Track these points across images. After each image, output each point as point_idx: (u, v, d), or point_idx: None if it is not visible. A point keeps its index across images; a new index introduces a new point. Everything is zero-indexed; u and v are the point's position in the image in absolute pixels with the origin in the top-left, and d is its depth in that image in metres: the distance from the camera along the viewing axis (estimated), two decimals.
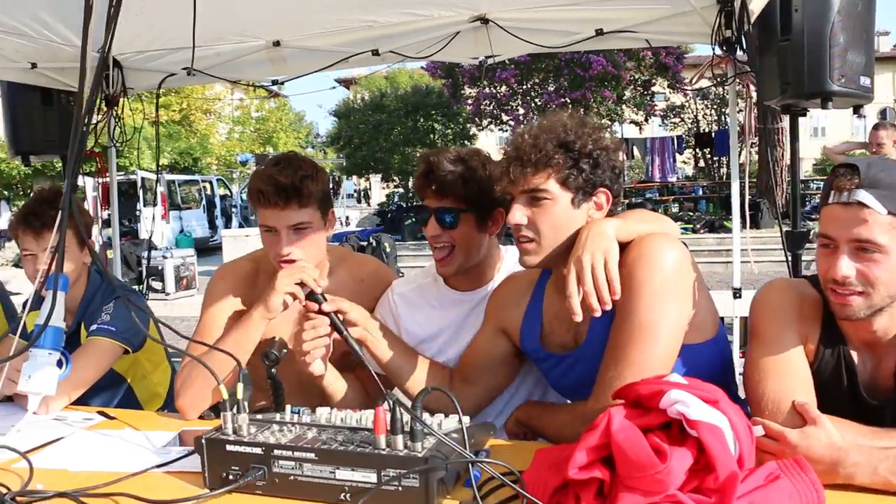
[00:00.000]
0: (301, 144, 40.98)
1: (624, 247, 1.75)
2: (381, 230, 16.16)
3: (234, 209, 22.24)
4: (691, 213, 18.79)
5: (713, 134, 19.38)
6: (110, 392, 2.46)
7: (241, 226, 21.98)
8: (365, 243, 12.26)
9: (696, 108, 22.84)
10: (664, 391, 1.29)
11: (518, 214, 1.81)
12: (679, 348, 1.73)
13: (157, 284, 8.15)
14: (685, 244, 1.88)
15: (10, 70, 4.33)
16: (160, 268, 8.08)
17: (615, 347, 1.72)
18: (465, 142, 29.05)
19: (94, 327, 2.32)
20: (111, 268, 5.26)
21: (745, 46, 3.65)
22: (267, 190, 2.03)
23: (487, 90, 19.31)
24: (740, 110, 6.16)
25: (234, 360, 1.67)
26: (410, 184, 26.02)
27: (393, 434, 1.37)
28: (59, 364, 1.80)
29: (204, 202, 21.50)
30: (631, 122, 21.37)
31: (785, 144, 11.52)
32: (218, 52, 4.51)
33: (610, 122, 19.85)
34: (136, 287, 8.03)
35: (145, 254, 8.21)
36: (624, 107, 19.55)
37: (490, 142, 31.96)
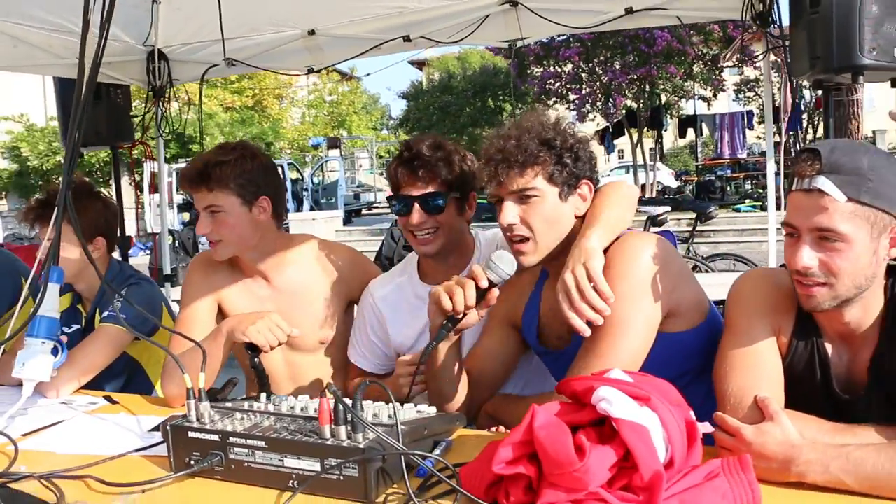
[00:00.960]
0: (375, 127, 41.35)
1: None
2: None
3: (304, 192, 22.58)
4: (761, 191, 18.26)
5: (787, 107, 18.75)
6: (125, 376, 2.57)
7: (311, 209, 22.32)
8: None
9: (773, 82, 22.12)
10: (595, 388, 1.28)
11: (510, 215, 1.84)
12: (650, 343, 1.75)
13: None
14: (670, 234, 1.89)
15: (60, 66, 4.52)
16: None
17: (587, 341, 1.75)
18: None
19: (105, 314, 2.43)
20: (160, 252, 5.47)
21: (777, 20, 3.55)
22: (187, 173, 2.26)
23: (552, 69, 19.11)
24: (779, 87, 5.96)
25: (201, 349, 1.73)
26: None
27: (336, 425, 1.40)
28: (55, 352, 1.89)
29: None
30: (699, 98, 20.85)
31: (861, 117, 11.05)
32: (257, 42, 4.63)
33: (677, 99, 19.45)
34: None
35: (202, 239, 8.45)
36: (692, 82, 19.10)
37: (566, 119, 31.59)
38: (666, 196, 19.86)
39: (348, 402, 1.40)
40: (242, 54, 4.64)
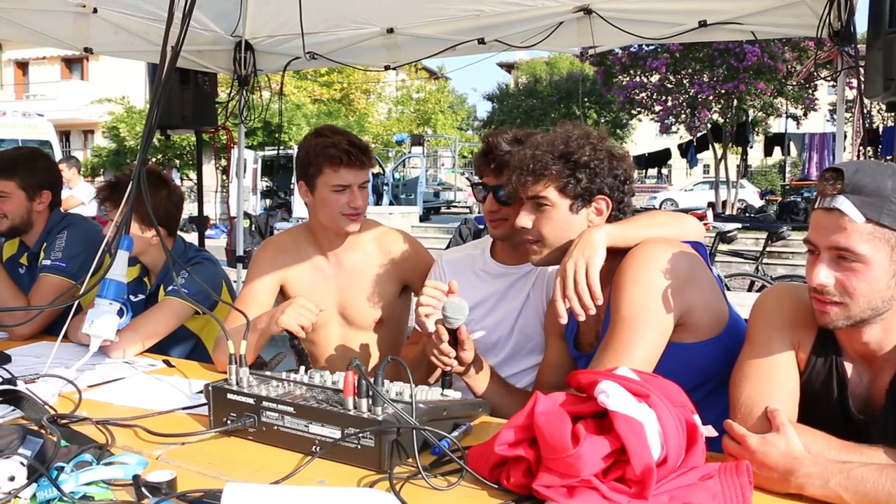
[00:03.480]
0: (460, 127, 41.56)
1: (627, 251, 1.87)
2: None
3: (385, 187, 22.92)
4: None
5: (880, 130, 18.09)
6: (185, 346, 2.75)
7: (391, 203, 22.63)
8: (482, 227, 12.42)
9: (870, 104, 21.33)
10: (598, 381, 1.36)
11: (524, 218, 1.98)
12: (662, 346, 1.79)
13: None
14: (700, 245, 1.94)
15: (154, 52, 4.78)
16: None
17: (603, 342, 1.83)
18: (618, 130, 28.57)
19: (170, 288, 2.62)
20: (235, 234, 5.72)
21: (853, 39, 3.51)
22: (353, 152, 2.38)
23: (639, 79, 18.90)
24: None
25: (245, 318, 1.87)
26: None
27: (358, 397, 1.51)
28: (120, 313, 2.07)
29: None
30: (790, 116, 20.28)
31: None
32: (338, 37, 4.80)
33: (765, 116, 18.93)
34: None
35: (278, 224, 8.78)
36: (782, 99, 18.58)
37: (649, 130, 31.16)
38: (747, 214, 19.42)
39: (366, 376, 1.51)
40: (324, 48, 4.82)
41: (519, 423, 1.37)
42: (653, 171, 32.09)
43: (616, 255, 1.87)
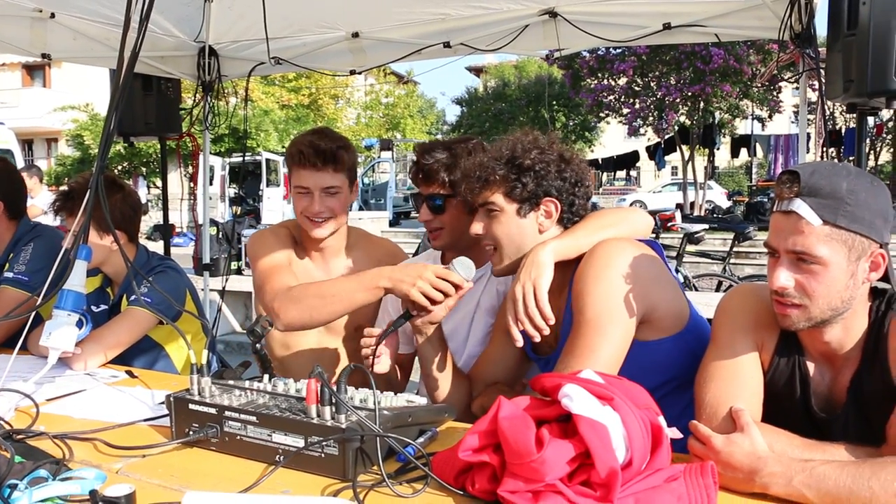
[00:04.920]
0: (429, 131, 41.59)
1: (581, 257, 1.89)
2: None
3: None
4: None
5: (843, 132, 18.42)
6: (150, 357, 2.70)
7: (360, 209, 22.57)
8: None
9: (832, 105, 21.72)
10: (562, 384, 1.35)
11: (476, 226, 2.03)
12: (626, 346, 1.80)
13: None
14: (655, 242, 1.95)
15: (114, 59, 4.71)
16: None
17: (567, 344, 1.83)
18: (587, 133, 28.77)
19: (132, 298, 2.57)
20: (201, 242, 5.66)
21: (813, 41, 3.55)
22: (307, 152, 2.35)
23: (607, 82, 19.05)
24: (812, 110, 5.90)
25: (206, 325, 1.85)
26: None
27: (321, 405, 1.49)
28: (80, 324, 2.03)
29: None
30: (755, 118, 20.54)
31: None
32: (303, 42, 4.77)
33: (731, 118, 19.17)
34: (234, 263, 8.53)
35: (245, 231, 8.71)
36: (748, 101, 18.83)
37: (617, 133, 31.43)
38: (715, 215, 19.63)
39: (328, 384, 1.49)
40: (289, 53, 4.79)
41: (483, 428, 1.36)
42: (621, 174, 32.35)
43: (569, 264, 1.89)
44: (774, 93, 18.70)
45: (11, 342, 2.64)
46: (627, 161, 25.53)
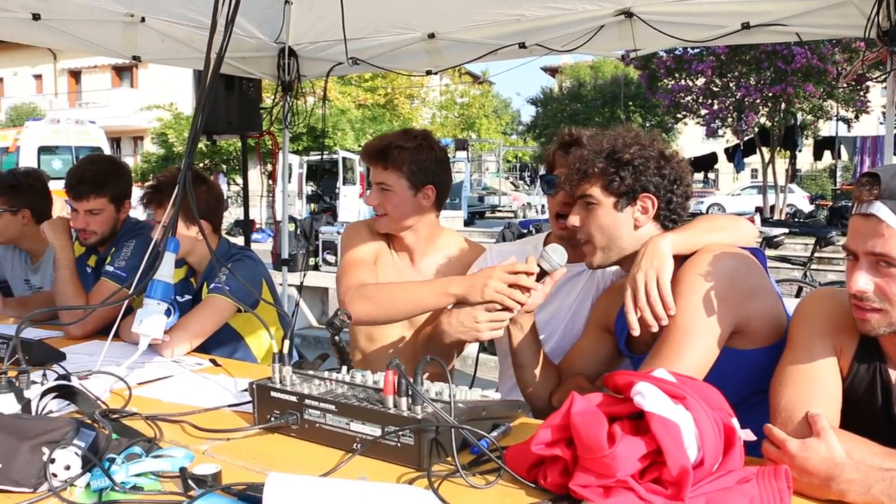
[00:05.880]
0: (504, 131, 41.56)
1: (687, 257, 1.89)
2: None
3: None
4: None
5: None
6: (230, 346, 2.81)
7: None
8: (526, 231, 12.43)
9: None
10: (634, 382, 1.36)
11: (573, 218, 2.03)
12: (714, 355, 1.79)
13: (330, 257, 8.75)
14: (759, 251, 1.94)
15: (199, 59, 4.88)
16: (335, 242, 8.68)
17: (654, 347, 1.84)
18: (664, 134, 28.28)
19: (212, 285, 2.68)
20: (280, 238, 5.81)
21: None
22: (367, 148, 2.49)
23: (684, 82, 18.69)
24: None
25: (282, 313, 1.92)
26: None
27: (398, 396, 1.54)
28: (168, 313, 2.14)
29: None
30: (840, 119, 19.84)
31: None
32: (380, 42, 4.85)
33: (814, 119, 18.56)
34: (311, 259, 8.72)
35: (323, 228, 8.89)
36: (832, 102, 18.18)
37: (695, 134, 30.85)
38: (796, 219, 19.09)
39: (406, 376, 1.53)
40: (366, 54, 4.88)
41: (556, 422, 1.38)
42: (699, 176, 31.73)
43: (675, 260, 1.88)
44: (861, 93, 18.02)
45: (107, 331, 2.80)
46: (705, 163, 24.99)
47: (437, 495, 1.35)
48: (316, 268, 8.69)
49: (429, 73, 5.05)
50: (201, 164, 24.22)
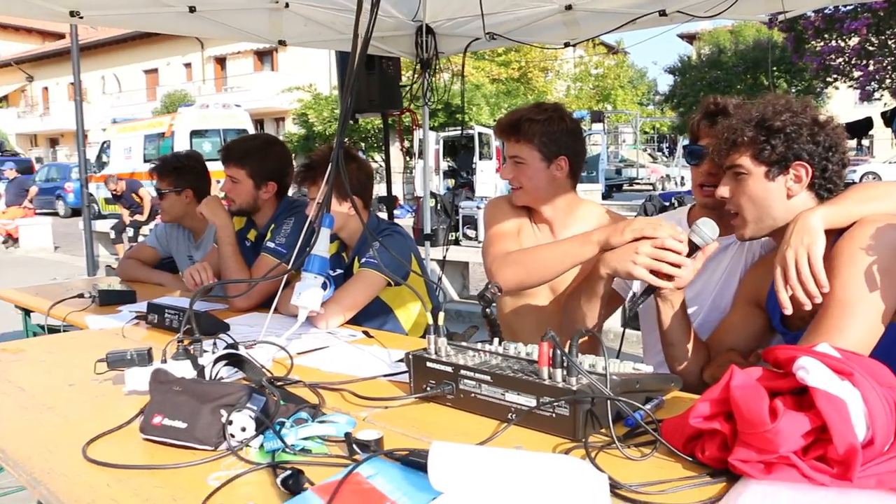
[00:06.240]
0: (640, 102, 40.53)
1: (843, 230, 1.81)
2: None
3: None
4: None
5: None
6: (380, 318, 2.90)
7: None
8: (668, 203, 12.08)
9: None
10: (797, 356, 1.32)
11: (722, 188, 1.98)
12: (878, 331, 1.70)
13: (470, 232, 8.85)
14: None
15: (341, 41, 5.05)
16: (475, 217, 8.77)
17: (813, 323, 1.78)
18: (812, 100, 26.77)
19: (364, 259, 2.78)
20: (422, 213, 5.93)
21: None
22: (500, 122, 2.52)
23: (835, 43, 17.54)
24: None
25: (431, 286, 1.96)
26: None
27: (553, 367, 1.56)
28: (324, 286, 2.24)
29: None
30: None
31: None
32: (517, 16, 4.83)
33: None
34: (451, 234, 8.84)
35: (463, 203, 8.99)
36: None
37: (847, 99, 29.10)
38: None
39: (562, 347, 1.55)
40: (503, 28, 4.87)
41: (714, 396, 1.36)
42: (852, 143, 29.82)
43: (829, 234, 1.80)
44: None
45: (266, 304, 2.96)
46: (859, 129, 23.41)
47: (595, 465, 1.37)
48: (456, 242, 8.82)
49: (566, 45, 5.00)
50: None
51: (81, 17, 4.10)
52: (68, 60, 11.87)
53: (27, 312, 3.88)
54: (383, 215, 3.98)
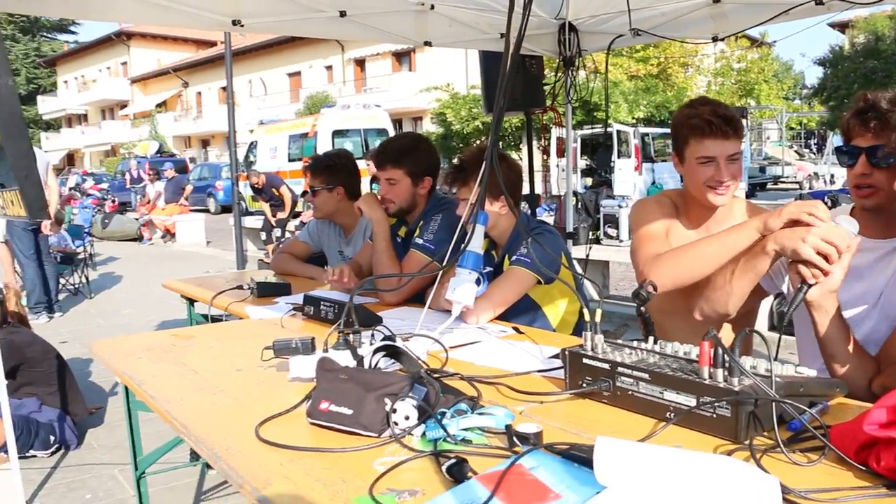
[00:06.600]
0: (786, 96, 38.67)
1: None
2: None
3: None
4: None
5: None
6: (529, 315, 2.92)
7: None
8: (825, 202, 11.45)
9: None
10: None
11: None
12: None
13: (612, 231, 8.73)
14: None
15: (485, 41, 5.10)
16: (616, 216, 8.65)
17: None
18: None
19: (514, 257, 2.81)
20: (564, 212, 5.92)
21: None
22: (716, 122, 2.36)
23: None
24: None
25: (581, 286, 1.96)
26: None
27: (714, 367, 1.53)
28: (478, 282, 2.29)
29: None
30: None
31: None
32: (662, 11, 4.74)
33: None
34: (592, 233, 8.75)
35: (604, 202, 8.88)
36: None
37: None
38: None
39: (726, 348, 1.52)
40: (647, 24, 4.79)
41: (892, 402, 1.30)
42: None
43: None
44: None
45: (413, 299, 3.06)
46: None
47: (762, 468, 1.34)
48: (597, 241, 8.73)
49: (714, 39, 4.85)
50: (477, 142, 25.11)
51: (242, 25, 4.33)
52: (219, 66, 12.56)
53: (191, 302, 4.16)
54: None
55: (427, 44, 5.17)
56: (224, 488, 3.99)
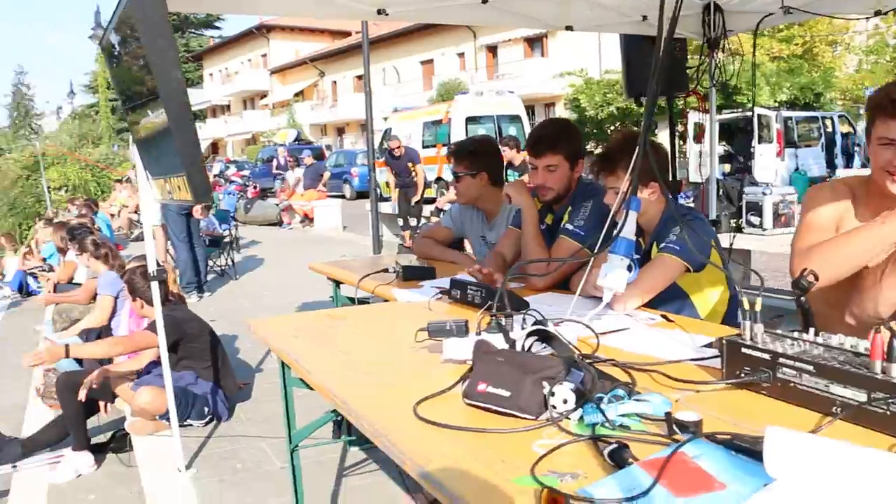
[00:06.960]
0: None
1: None
2: None
3: (856, 148, 20.65)
4: None
5: None
6: (676, 303, 2.87)
7: (863, 166, 20.43)
8: None
9: None
10: None
11: None
12: None
13: (754, 219, 8.40)
14: None
15: (626, 24, 5.02)
16: (759, 203, 8.32)
17: None
18: None
19: (662, 245, 2.77)
20: (707, 199, 5.76)
21: None
22: None
23: None
24: None
25: (730, 276, 1.91)
26: None
27: (888, 362, 1.47)
28: (629, 269, 2.28)
29: (823, 140, 20.39)
30: None
31: None
32: None
33: None
34: (733, 221, 8.47)
35: (747, 189, 8.57)
36: None
37: None
38: None
39: None
40: (799, 1, 4.57)
41: None
42: None
43: None
44: None
45: (560, 285, 3.06)
46: None
47: None
48: (739, 230, 8.44)
49: (877, 13, 4.56)
50: (611, 128, 24.66)
51: (387, 14, 4.44)
52: (353, 56, 12.78)
53: (337, 284, 4.32)
54: None
55: (568, 28, 5.14)
56: (365, 465, 4.15)
